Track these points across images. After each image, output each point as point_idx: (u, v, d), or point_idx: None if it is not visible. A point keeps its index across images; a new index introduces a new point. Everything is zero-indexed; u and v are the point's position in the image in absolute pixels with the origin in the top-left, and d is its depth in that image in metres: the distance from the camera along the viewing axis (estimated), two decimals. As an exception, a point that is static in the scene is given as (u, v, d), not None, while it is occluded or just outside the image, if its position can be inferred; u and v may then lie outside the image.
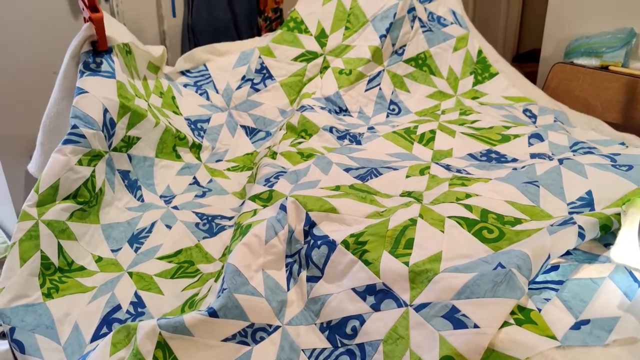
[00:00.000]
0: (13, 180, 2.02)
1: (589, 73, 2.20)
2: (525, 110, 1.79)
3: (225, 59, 1.89)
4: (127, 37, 1.56)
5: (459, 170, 1.37)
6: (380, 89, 1.88)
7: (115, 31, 1.51)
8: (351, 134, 1.68)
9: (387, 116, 1.85)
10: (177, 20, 2.35)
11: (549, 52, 2.47)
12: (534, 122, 1.73)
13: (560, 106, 1.92)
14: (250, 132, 1.82)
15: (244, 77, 1.87)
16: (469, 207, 1.13)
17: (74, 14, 2.04)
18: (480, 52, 2.01)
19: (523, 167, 1.31)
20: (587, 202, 1.17)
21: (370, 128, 1.74)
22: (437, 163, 1.42)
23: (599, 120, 1.85)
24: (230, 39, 2.44)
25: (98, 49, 1.44)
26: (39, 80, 1.99)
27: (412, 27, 1.94)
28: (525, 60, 3.54)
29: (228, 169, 1.69)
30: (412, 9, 1.94)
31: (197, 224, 1.45)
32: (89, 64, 1.43)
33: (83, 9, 1.42)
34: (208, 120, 1.79)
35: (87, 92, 1.38)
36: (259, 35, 2.62)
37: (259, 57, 1.88)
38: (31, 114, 2.00)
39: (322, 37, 1.92)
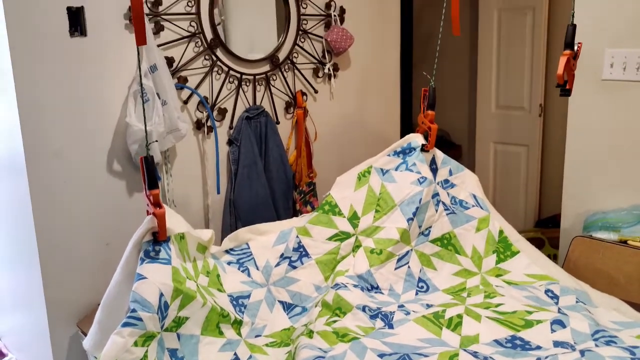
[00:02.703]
0: (57, 343, 2.12)
1: (608, 247, 2.30)
2: (547, 291, 1.89)
3: (266, 238, 2.06)
4: (184, 227, 1.76)
5: (485, 358, 1.45)
6: (409, 267, 2.02)
7: (174, 222, 1.70)
8: (383, 313, 1.79)
9: (417, 293, 1.96)
10: (220, 196, 2.59)
11: (568, 224, 2.60)
12: (556, 303, 1.82)
13: (581, 285, 2.01)
14: (288, 307, 1.94)
15: (282, 254, 2.03)
16: (497, 401, 1.20)
17: (129, 192, 2.28)
18: (501, 232, 2.15)
19: (547, 357, 1.39)
20: (610, 397, 1.24)
21: (401, 306, 1.85)
22: (465, 350, 1.50)
23: (620, 301, 1.93)
24: (268, 211, 2.65)
25: (158, 239, 1.63)
26: (92, 250, 2.18)
27: (436, 210, 2.12)
28: (548, 225, 3.67)
29: (266, 345, 1.79)
30: (436, 194, 2.13)
31: (237, 404, 1.52)
32: (149, 252, 1.60)
33: (148, 204, 1.63)
34: (249, 296, 1.92)
35: (146, 277, 1.55)
36: (294, 207, 2.83)
37: (297, 236, 2.05)
38: (80, 281, 2.16)
39: (354, 218, 2.10)
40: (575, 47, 1.93)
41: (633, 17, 2.26)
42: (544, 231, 3.55)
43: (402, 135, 3.38)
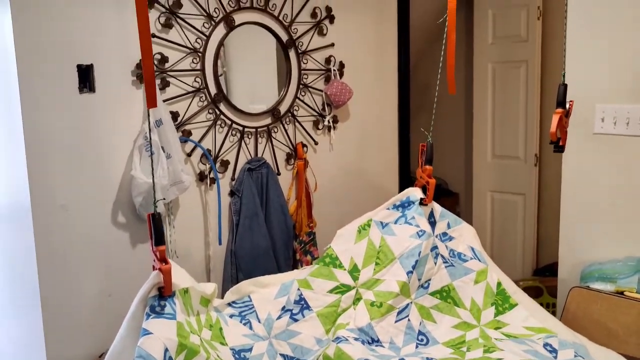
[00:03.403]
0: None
1: (606, 298, 2.31)
2: (545, 345, 1.91)
3: (268, 291, 2.08)
4: (188, 281, 1.79)
5: (487, 415, 1.46)
6: (409, 320, 2.04)
7: (179, 277, 1.73)
8: (383, 367, 1.80)
9: (417, 347, 1.98)
10: (221, 247, 2.62)
11: (565, 274, 2.62)
12: (555, 357, 1.84)
13: (579, 338, 2.02)
14: (289, 361, 1.95)
15: (283, 307, 2.04)
16: None
17: (132, 244, 2.32)
18: (499, 284, 2.18)
19: (547, 414, 1.40)
20: None
21: (401, 360, 1.87)
22: (466, 406, 1.52)
23: (619, 355, 1.94)
24: (269, 262, 2.68)
25: (163, 294, 1.66)
26: (94, 302, 2.20)
27: (435, 263, 2.16)
28: (545, 273, 3.69)
29: (268, 399, 1.80)
30: (435, 247, 2.17)
31: None
32: (155, 307, 1.63)
33: (154, 259, 1.66)
34: (251, 349, 1.93)
35: (152, 333, 1.56)
36: (295, 256, 2.86)
37: (298, 289, 2.08)
38: (82, 333, 2.17)
39: (354, 271, 2.13)
40: (567, 105, 2.00)
41: (622, 74, 2.34)
42: (542, 280, 3.57)
43: (401, 185, 3.45)
